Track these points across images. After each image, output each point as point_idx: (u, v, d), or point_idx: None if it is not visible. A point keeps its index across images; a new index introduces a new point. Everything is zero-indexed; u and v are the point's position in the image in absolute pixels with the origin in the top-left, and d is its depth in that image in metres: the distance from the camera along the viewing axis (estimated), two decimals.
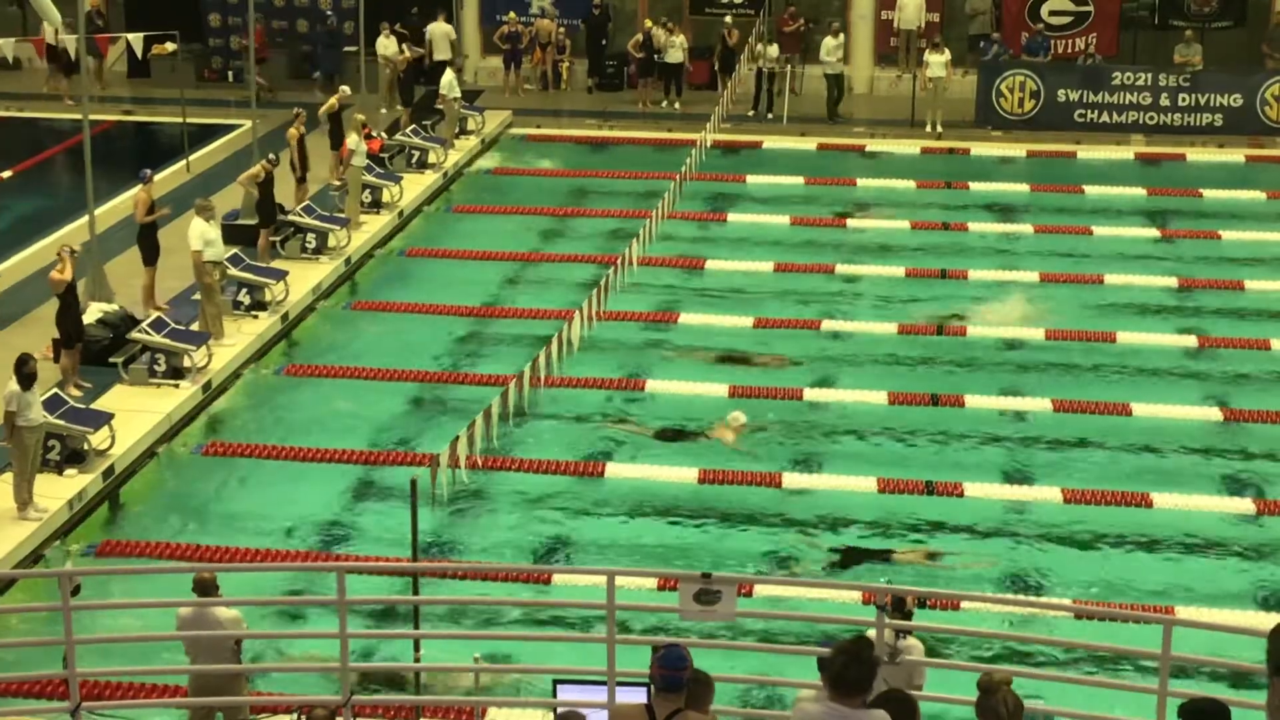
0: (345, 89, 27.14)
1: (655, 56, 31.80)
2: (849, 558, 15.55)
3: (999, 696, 8.29)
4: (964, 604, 14.27)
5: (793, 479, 17.08)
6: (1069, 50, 31.57)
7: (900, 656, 10.40)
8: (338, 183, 25.30)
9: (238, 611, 11.56)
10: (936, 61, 30.11)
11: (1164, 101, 29.84)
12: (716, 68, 32.11)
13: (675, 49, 31.73)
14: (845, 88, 31.17)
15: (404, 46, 30.53)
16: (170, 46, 30.81)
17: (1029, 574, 15.29)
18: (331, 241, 23.41)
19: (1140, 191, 26.98)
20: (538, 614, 14.48)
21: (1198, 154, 28.93)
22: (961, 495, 16.62)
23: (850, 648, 7.81)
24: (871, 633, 9.78)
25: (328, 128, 26.16)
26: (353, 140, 24.42)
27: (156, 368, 18.81)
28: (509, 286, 23.03)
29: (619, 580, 10.27)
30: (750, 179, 27.77)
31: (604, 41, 33.30)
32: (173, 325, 19.26)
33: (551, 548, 15.87)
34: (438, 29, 32.03)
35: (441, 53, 31.76)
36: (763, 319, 21.40)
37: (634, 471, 17.26)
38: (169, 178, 26.53)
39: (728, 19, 32.19)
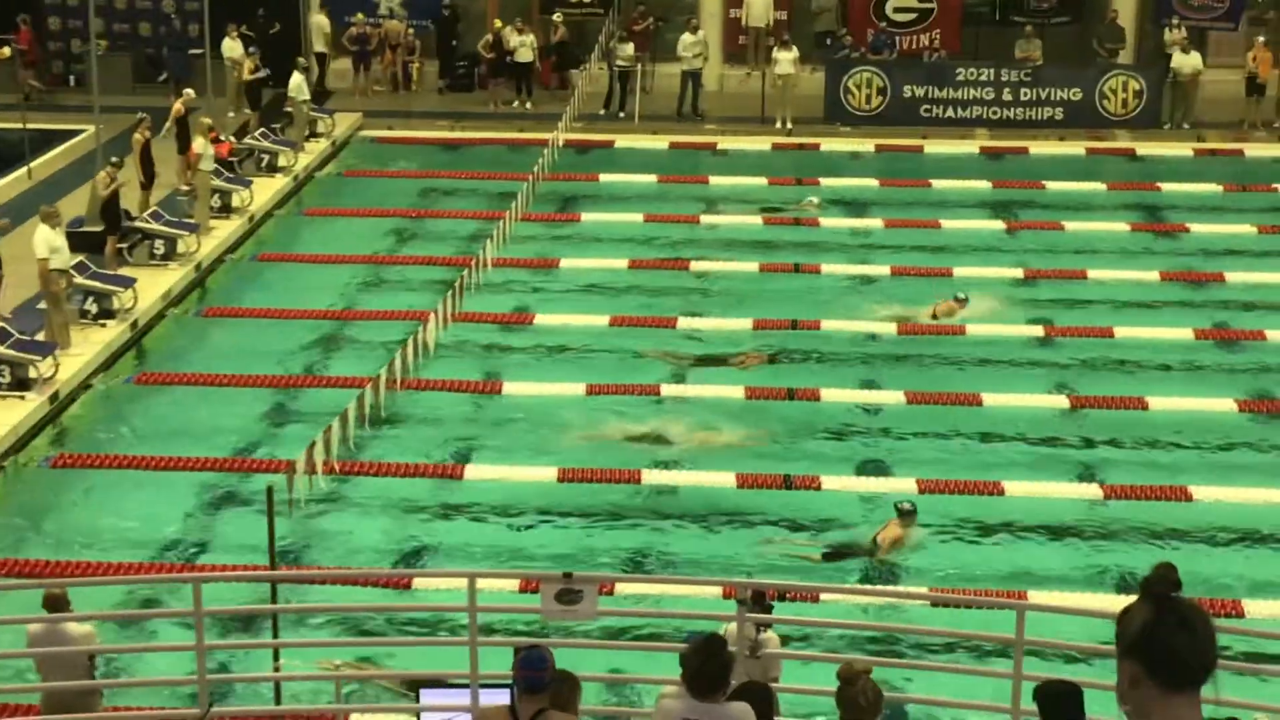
0: (190, 92, 26.73)
1: (506, 57, 31.74)
2: (713, 551, 15.65)
3: (859, 686, 8.41)
4: (823, 595, 14.41)
5: (653, 476, 17.14)
6: (914, 47, 32.03)
7: (761, 650, 10.49)
8: (186, 188, 24.91)
9: (91, 627, 11.34)
10: (785, 59, 30.39)
11: (1006, 96, 30.40)
12: (552, 66, 32.11)
13: (525, 49, 31.68)
14: (701, 85, 31.29)
15: (250, 51, 30.08)
16: (6, 51, 30.15)
17: (886, 564, 15.48)
18: (181, 247, 23.05)
19: (985, 185, 27.46)
20: (399, 619, 14.38)
21: (1040, 147, 29.51)
22: (819, 488, 16.80)
23: (705, 645, 7.90)
24: (733, 627, 9.86)
25: (175, 131, 25.76)
26: (199, 144, 24.07)
27: (1, 380, 18.39)
28: (364, 290, 22.85)
29: (481, 582, 10.23)
30: (603, 178, 27.82)
31: (454, 42, 33.15)
32: (17, 335, 18.83)
33: (412, 551, 15.77)
34: (317, 21, 32.04)
35: (320, 45, 31.75)
36: (618, 317, 21.45)
37: (493, 473, 17.21)
38: (9, 185, 25.95)
39: (556, 16, 32.11)
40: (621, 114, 31.11)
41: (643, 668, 12.52)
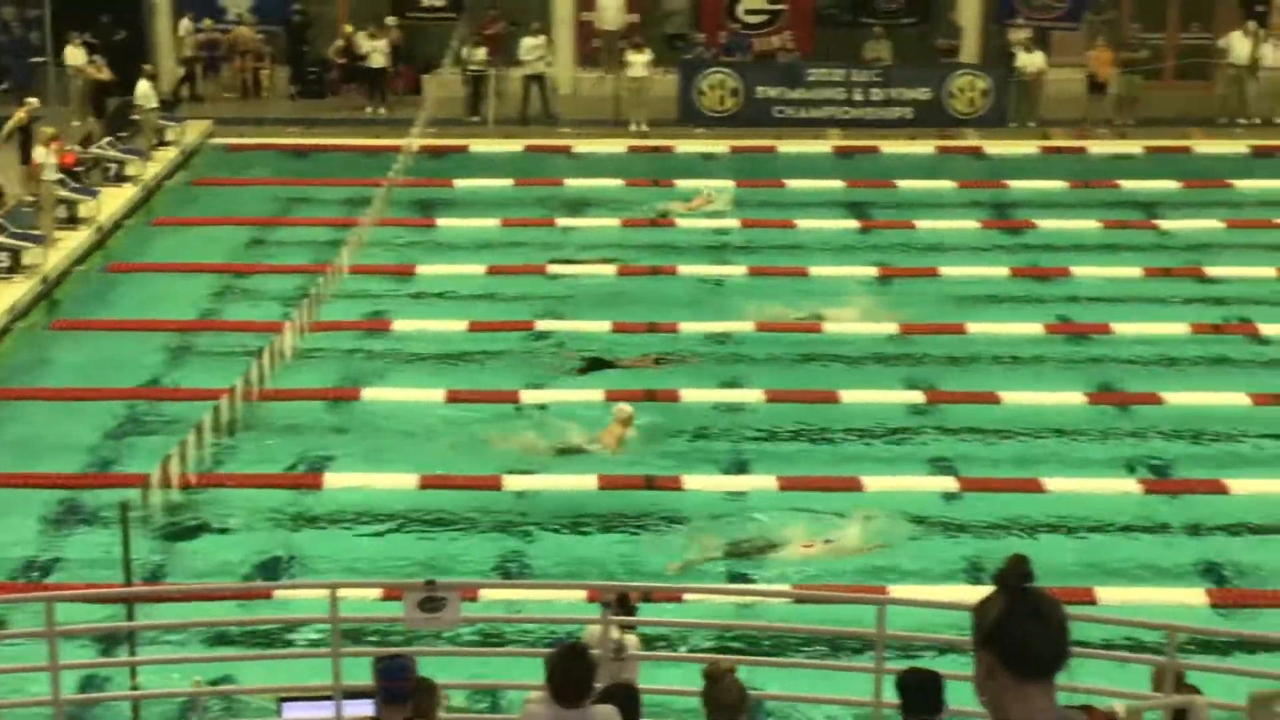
0: (34, 101, 26.19)
1: (358, 62, 31.48)
2: (577, 555, 15.66)
3: (724, 684, 8.47)
4: (686, 596, 14.47)
5: (514, 481, 17.11)
6: (766, 48, 32.29)
7: (625, 652, 10.52)
8: (30, 198, 24.38)
9: None
10: (638, 61, 30.50)
11: (857, 96, 30.76)
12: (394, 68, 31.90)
13: (378, 54, 31.45)
14: (548, 88, 31.27)
15: (94, 59, 29.52)
16: None
17: (750, 562, 15.60)
18: (26, 260, 22.55)
19: (839, 184, 27.76)
20: (261, 632, 14.20)
21: (891, 146, 29.89)
22: (681, 489, 16.87)
23: (569, 652, 7.92)
24: (595, 629, 9.87)
25: (18, 141, 25.20)
26: (41, 154, 23.58)
27: None
28: (217, 300, 22.53)
29: (344, 593, 10.14)
30: (458, 183, 27.70)
31: (304, 48, 32.81)
32: None
33: (272, 563, 15.58)
34: (185, 27, 31.70)
35: (188, 48, 31.43)
36: (477, 322, 21.38)
37: (353, 481, 17.07)
38: None
39: (389, 19, 31.82)
40: (476, 118, 31.01)
41: (509, 674, 12.48)
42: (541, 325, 21.37)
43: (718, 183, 27.07)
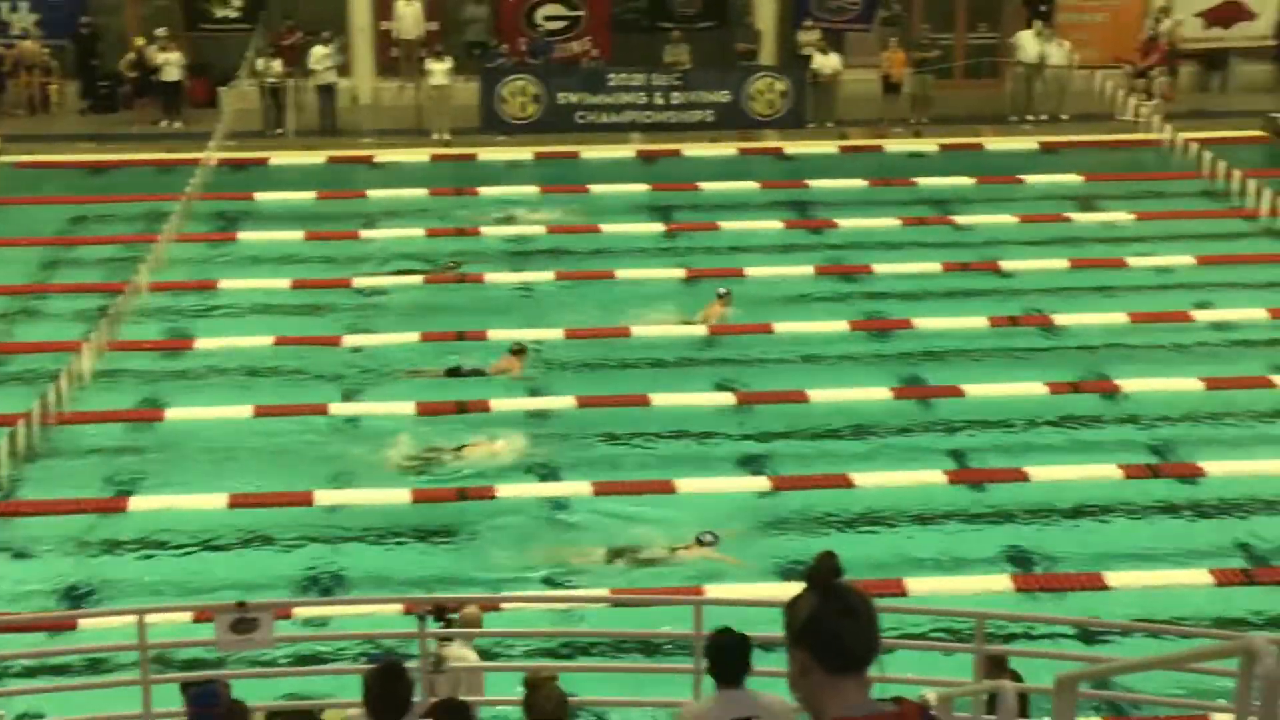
0: None
1: (151, 75, 30.83)
2: (392, 568, 15.52)
3: (544, 692, 8.47)
4: (505, 605, 14.42)
5: (326, 496, 16.89)
6: (567, 54, 32.33)
7: (445, 664, 10.45)
8: None
9: None
10: (438, 69, 30.34)
11: (658, 100, 30.95)
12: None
13: (172, 67, 30.82)
14: (335, 99, 30.83)
15: None
16: None
17: (567, 568, 15.61)
18: None
19: (643, 188, 27.91)
20: (68, 662, 13.82)
21: (693, 149, 30.12)
22: (494, 498, 16.82)
23: (385, 670, 7.85)
24: (452, 648, 9.78)
25: None
26: None
27: None
28: (10, 322, 21.89)
29: (152, 618, 9.92)
30: (259, 196, 27.26)
31: (94, 61, 32.01)
32: None
33: (76, 591, 15.18)
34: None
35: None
36: (283, 337, 21.08)
37: (159, 503, 16.71)
38: None
39: (160, 30, 31.20)
40: (278, 130, 30.56)
41: (326, 693, 12.31)
42: (349, 339, 21.14)
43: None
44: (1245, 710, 5.68)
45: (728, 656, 7.93)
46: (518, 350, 20.20)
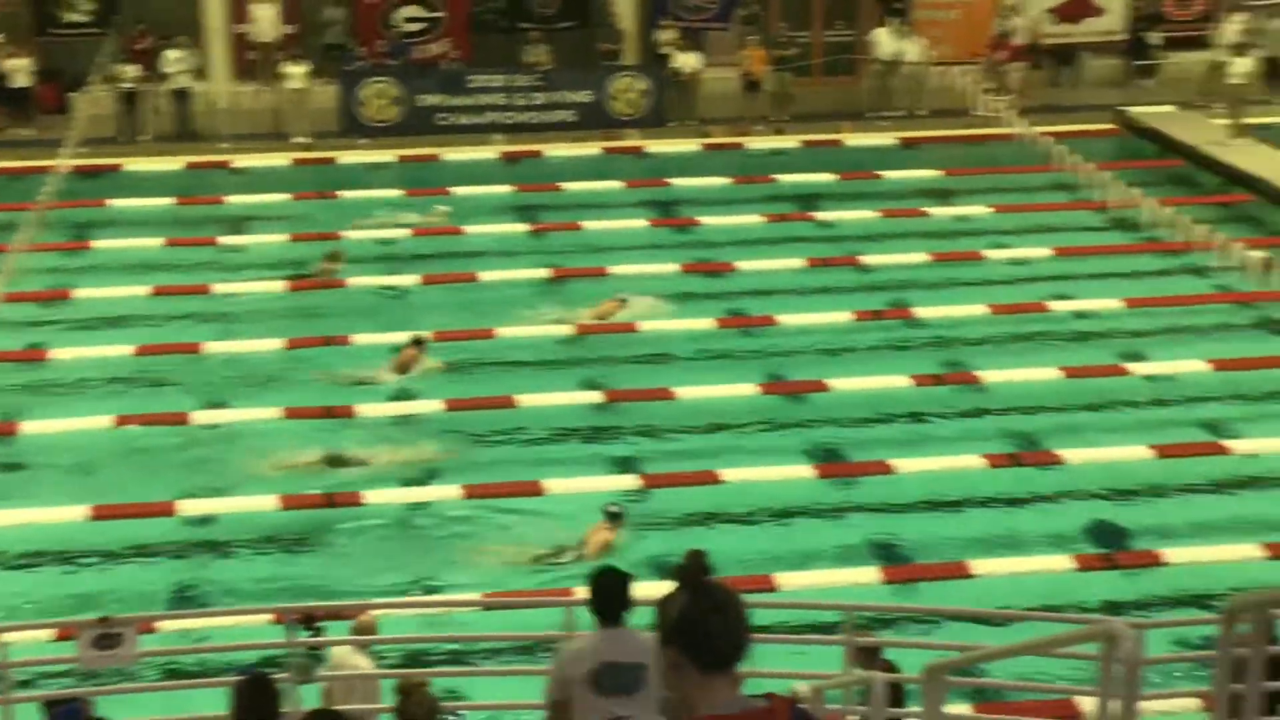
0: None
1: None
2: (262, 577, 15.34)
3: (415, 699, 8.43)
4: (377, 611, 14.28)
5: (191, 506, 16.64)
6: (426, 55, 32.16)
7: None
8: None
9: None
10: (296, 73, 30.02)
11: (520, 101, 30.88)
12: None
13: (20, 73, 30.17)
14: (190, 104, 30.40)
15: None
16: None
17: (435, 574, 15.53)
18: None
19: (506, 189, 27.83)
20: None
21: (556, 150, 30.11)
22: (362, 504, 16.68)
23: (251, 681, 7.78)
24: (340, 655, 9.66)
25: None
26: None
27: None
28: None
29: (10, 636, 9.71)
30: (114, 203, 26.80)
31: None
32: None
33: None
34: None
35: None
36: (144, 346, 20.74)
37: (16, 518, 16.36)
38: None
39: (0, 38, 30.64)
40: (141, 137, 30.02)
41: (195, 706, 12.12)
42: (212, 346, 20.85)
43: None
44: (1107, 693, 5.80)
45: (608, 595, 8.09)
46: (417, 342, 20.11)
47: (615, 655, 7.96)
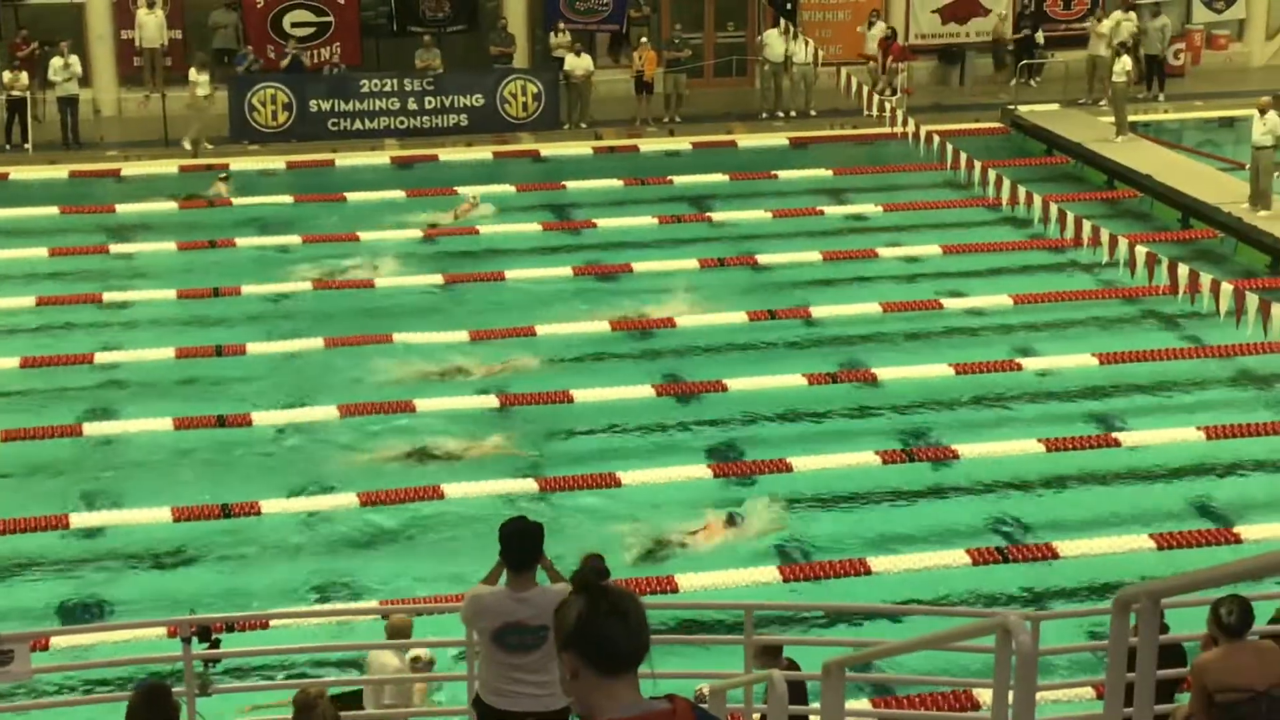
0: None
1: None
2: (156, 591, 15.15)
3: (318, 711, 8.36)
4: (274, 622, 14.17)
5: (81, 519, 16.39)
6: (316, 60, 31.93)
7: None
8: None
9: None
10: (203, 80, 29.69)
11: (412, 105, 30.75)
12: None
13: None
14: (77, 111, 29.92)
15: None
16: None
17: (336, 582, 15.42)
18: None
19: (399, 194, 27.68)
20: None
21: (449, 154, 30.00)
22: (259, 514, 16.51)
23: (148, 692, 7.72)
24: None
25: None
26: None
27: None
28: None
29: None
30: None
31: None
32: None
33: None
34: None
35: None
36: (29, 358, 20.40)
37: None
38: None
39: None
40: (27, 146, 29.51)
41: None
42: (101, 357, 20.56)
43: (478, 189, 26.96)
44: (1003, 684, 5.87)
45: (517, 543, 8.30)
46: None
47: (521, 615, 8.26)
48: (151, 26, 31.33)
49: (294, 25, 31.80)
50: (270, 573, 15.58)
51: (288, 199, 27.41)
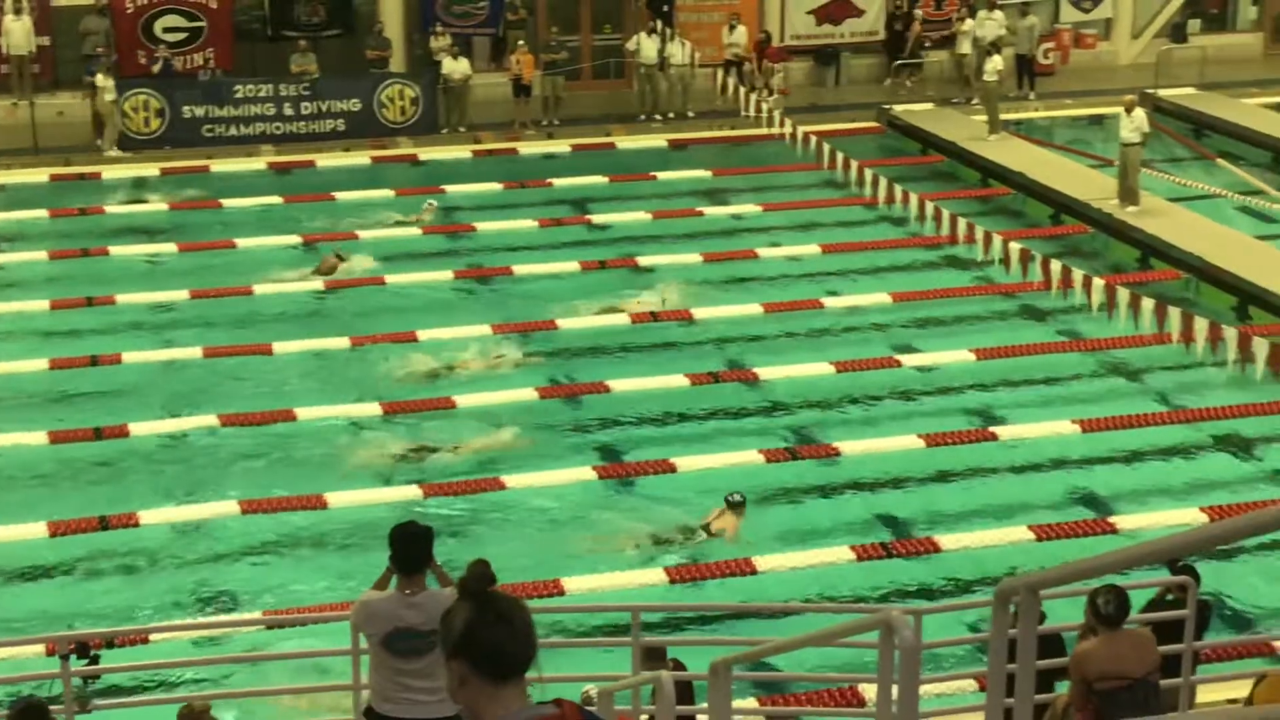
0: None
1: None
2: (30, 605, 14.88)
3: None
4: (155, 636, 13.98)
5: None
6: (189, 66, 31.52)
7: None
8: None
9: None
10: (109, 85, 29.19)
11: (288, 111, 30.45)
12: None
13: None
14: None
15: None
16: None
17: (217, 592, 15.24)
18: None
19: (277, 200, 27.40)
20: None
21: (326, 159, 29.76)
22: (138, 525, 16.28)
23: (21, 715, 7.62)
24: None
25: None
26: None
27: None
28: None
29: None
30: None
31: None
32: None
33: None
34: None
35: None
36: None
37: None
38: None
39: None
40: None
41: None
42: None
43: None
44: (888, 680, 5.93)
45: (406, 546, 8.30)
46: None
47: (411, 620, 8.27)
48: (19, 33, 30.73)
49: (165, 30, 31.37)
50: (151, 586, 15.36)
51: (163, 206, 27.04)
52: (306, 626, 14.15)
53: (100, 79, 29.34)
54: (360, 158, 29.91)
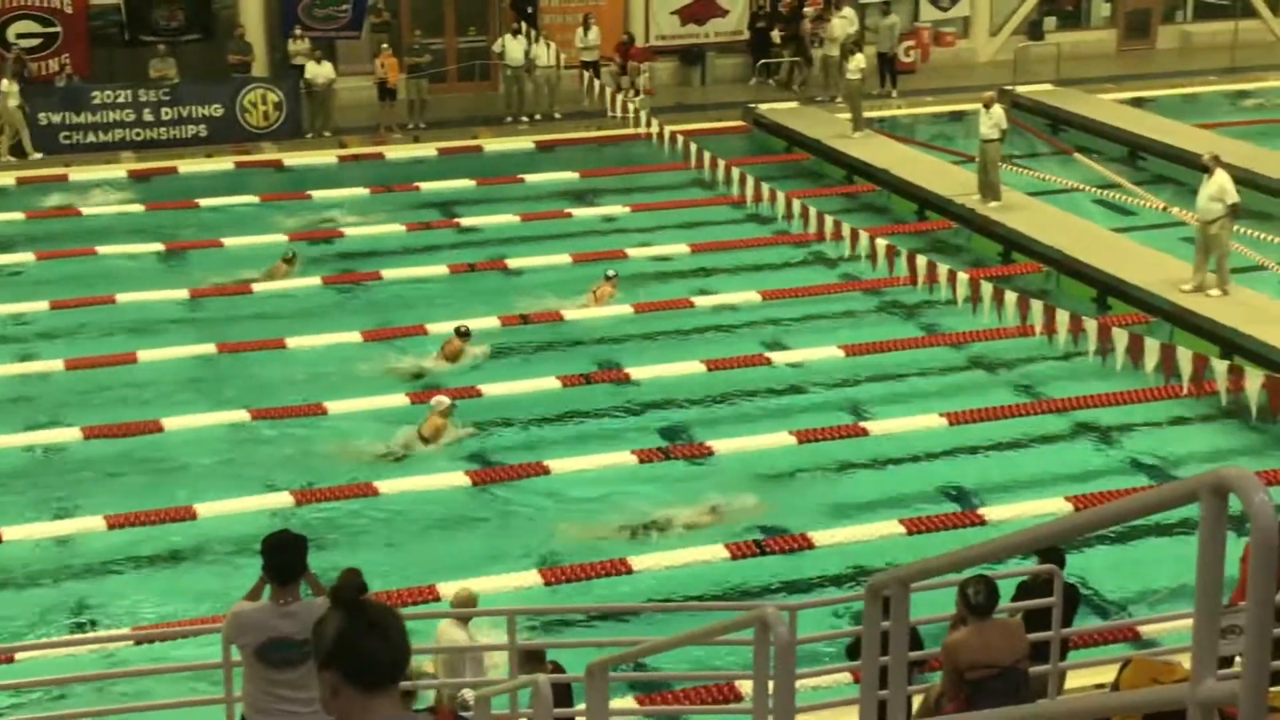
0: None
1: None
2: None
3: None
4: (19, 655, 13.68)
5: None
6: (44, 72, 30.93)
7: None
8: None
9: None
10: (14, 90, 28.52)
11: (148, 117, 29.98)
12: None
13: None
14: None
15: None
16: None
17: (83, 607, 14.98)
18: None
19: (138, 208, 26.99)
20: None
21: (188, 165, 29.34)
22: (1, 541, 15.95)
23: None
24: None
25: None
26: None
27: None
28: None
29: None
30: None
31: None
32: None
33: None
34: None
35: None
36: None
37: None
38: None
39: None
40: None
41: None
42: None
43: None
44: (763, 675, 5.98)
45: (279, 556, 8.25)
46: (461, 334, 20.55)
47: (285, 629, 8.21)
48: None
49: (19, 36, 30.74)
50: (17, 603, 15.04)
51: (19, 215, 26.51)
52: (177, 641, 13.94)
53: (6, 84, 28.72)
54: (223, 163, 29.53)
